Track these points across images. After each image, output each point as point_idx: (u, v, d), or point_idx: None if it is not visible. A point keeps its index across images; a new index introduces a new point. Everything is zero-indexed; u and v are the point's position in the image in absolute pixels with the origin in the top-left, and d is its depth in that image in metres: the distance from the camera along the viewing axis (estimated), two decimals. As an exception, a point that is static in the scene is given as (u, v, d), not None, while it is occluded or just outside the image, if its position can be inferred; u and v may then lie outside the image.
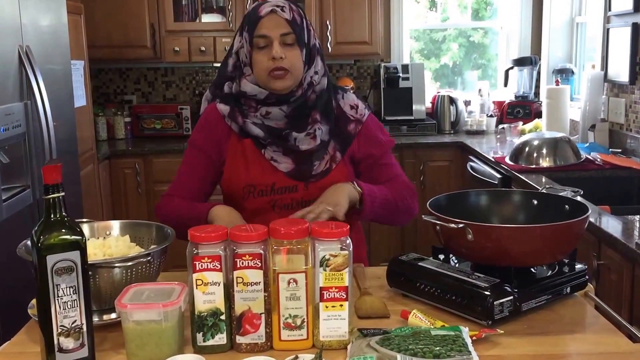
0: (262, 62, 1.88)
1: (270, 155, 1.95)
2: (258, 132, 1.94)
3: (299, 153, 1.94)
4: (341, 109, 2.02)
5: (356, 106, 2.04)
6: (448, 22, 5.77)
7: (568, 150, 3.68)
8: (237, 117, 1.95)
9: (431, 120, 5.22)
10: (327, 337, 1.44)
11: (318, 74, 1.96)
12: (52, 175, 1.32)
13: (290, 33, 1.88)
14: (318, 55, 1.97)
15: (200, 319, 1.42)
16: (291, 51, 1.88)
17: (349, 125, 2.01)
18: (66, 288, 1.33)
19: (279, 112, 1.92)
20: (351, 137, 2.01)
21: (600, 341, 1.47)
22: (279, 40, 1.87)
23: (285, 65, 1.87)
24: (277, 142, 1.94)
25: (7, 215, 2.72)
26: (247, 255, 1.40)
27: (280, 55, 1.86)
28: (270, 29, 1.87)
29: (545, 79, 5.26)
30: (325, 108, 1.98)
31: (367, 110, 2.06)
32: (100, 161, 4.49)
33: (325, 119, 1.97)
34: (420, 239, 4.76)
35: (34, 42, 3.06)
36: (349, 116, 2.02)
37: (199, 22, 5.00)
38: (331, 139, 1.98)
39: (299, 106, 1.93)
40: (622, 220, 2.53)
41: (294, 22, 1.89)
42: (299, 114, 1.94)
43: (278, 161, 1.94)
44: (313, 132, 1.94)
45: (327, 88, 2.00)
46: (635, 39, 3.81)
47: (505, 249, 1.58)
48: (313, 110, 1.96)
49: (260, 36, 1.88)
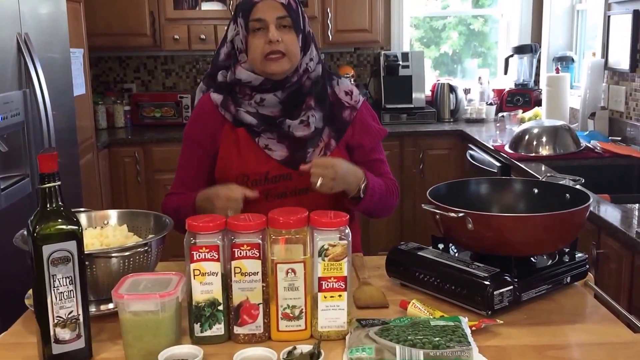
0: (259, 45, 1.87)
1: (264, 143, 1.93)
2: (251, 120, 1.92)
3: (293, 140, 1.92)
4: (336, 96, 2.00)
5: (351, 92, 2.02)
6: (448, 9, 5.75)
7: (568, 138, 3.67)
8: (230, 106, 1.94)
9: (431, 108, 5.21)
10: (326, 327, 1.44)
11: (313, 61, 1.95)
12: (48, 163, 1.31)
13: (286, 16, 1.87)
14: (312, 43, 1.96)
15: (198, 309, 1.41)
16: (287, 35, 1.87)
17: (343, 112, 1.99)
18: (62, 278, 1.33)
19: (273, 98, 1.91)
20: (346, 124, 1.99)
21: (601, 331, 1.46)
22: (275, 24, 1.86)
23: (281, 49, 1.86)
24: (270, 130, 1.92)
25: (6, 204, 2.71)
26: (245, 245, 1.39)
27: (277, 38, 1.85)
28: (266, 12, 1.86)
29: (545, 67, 5.24)
30: (319, 95, 1.97)
31: (361, 96, 2.05)
32: (100, 150, 4.47)
33: (320, 105, 1.96)
34: (419, 228, 4.76)
35: (33, 30, 3.04)
36: (344, 102, 2.00)
37: (198, 10, 4.98)
38: (325, 125, 1.96)
39: (293, 92, 1.92)
40: (622, 209, 2.52)
41: (290, 6, 1.88)
42: (294, 99, 1.92)
43: (272, 149, 1.92)
44: (307, 119, 1.92)
45: (321, 75, 1.99)
46: (636, 27, 3.79)
47: (505, 238, 1.58)
48: (308, 96, 1.94)
49: (256, 19, 1.87)
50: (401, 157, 4.79)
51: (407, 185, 4.76)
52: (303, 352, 1.32)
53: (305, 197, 1.91)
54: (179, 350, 1.34)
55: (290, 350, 1.33)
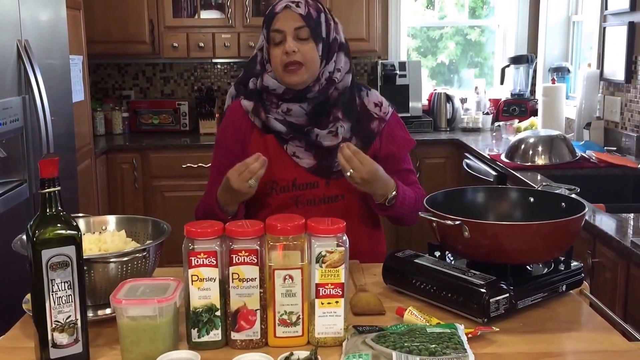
0: (277, 56, 1.91)
1: (292, 150, 1.95)
2: (280, 128, 1.94)
3: (320, 149, 1.94)
4: (365, 107, 2.02)
5: (380, 104, 2.04)
6: (445, 20, 5.77)
7: (563, 148, 3.68)
8: (261, 112, 1.96)
9: (427, 117, 5.23)
10: (323, 333, 1.44)
11: (341, 71, 1.96)
12: (49, 169, 1.32)
13: (303, 27, 1.89)
14: (342, 52, 1.98)
15: (196, 314, 1.42)
16: (305, 45, 1.90)
17: (372, 123, 2.01)
18: (61, 283, 1.33)
19: (300, 110, 1.93)
20: (374, 135, 2.01)
21: (596, 339, 1.47)
22: (292, 35, 1.89)
23: (298, 59, 1.88)
24: (299, 138, 1.95)
25: (3, 209, 2.71)
26: (243, 251, 1.40)
27: (292, 49, 1.87)
28: (284, 24, 1.89)
29: (541, 77, 5.27)
30: (347, 106, 1.98)
31: (391, 108, 2.06)
32: (98, 156, 4.48)
33: (347, 116, 1.97)
34: (415, 236, 4.76)
35: (32, 37, 3.05)
36: (372, 114, 2.02)
37: (197, 18, 4.99)
38: (353, 136, 1.98)
39: (319, 103, 1.94)
40: (617, 219, 2.53)
41: (309, 16, 1.90)
42: (320, 110, 1.94)
43: (300, 157, 1.95)
44: (335, 129, 1.94)
45: (350, 85, 2.00)
46: (631, 38, 3.82)
47: (501, 246, 1.59)
48: (334, 107, 1.96)
49: (275, 30, 1.91)
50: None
51: (403, 193, 4.76)
52: (300, 358, 1.33)
53: (335, 205, 1.95)
54: (176, 355, 1.34)
55: (288, 356, 1.33)
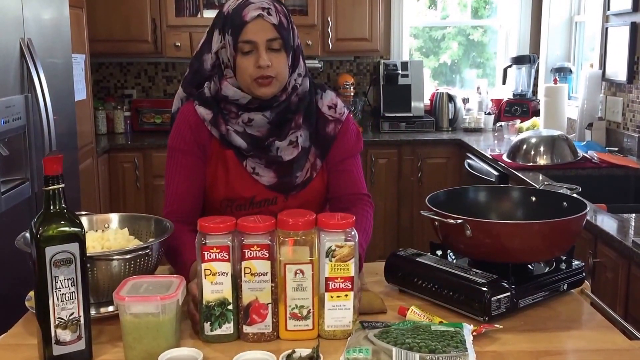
0: (247, 68, 1.77)
1: (252, 166, 1.86)
2: (241, 143, 1.83)
3: (281, 165, 1.86)
4: (319, 110, 1.92)
5: (334, 105, 1.93)
6: (448, 20, 5.77)
7: (565, 148, 3.68)
8: (220, 124, 1.84)
9: (429, 117, 5.23)
10: (332, 326, 1.46)
11: (301, 76, 1.87)
12: (53, 166, 1.32)
13: (277, 38, 1.77)
14: (301, 56, 1.88)
15: (208, 308, 1.43)
16: (277, 57, 1.78)
17: (327, 127, 1.91)
18: (64, 280, 1.34)
19: (262, 119, 1.83)
20: (331, 140, 1.91)
21: (597, 338, 1.48)
22: (265, 46, 1.76)
23: (271, 73, 1.77)
24: (259, 155, 1.85)
25: (6, 207, 2.72)
26: (255, 246, 1.42)
27: (267, 63, 1.75)
28: (257, 34, 1.76)
29: (543, 78, 5.27)
30: (308, 111, 1.89)
31: (346, 109, 1.96)
32: (100, 155, 4.49)
33: (307, 122, 1.88)
34: (416, 236, 4.78)
35: (35, 36, 3.06)
36: (327, 116, 1.92)
37: (200, 17, 4.99)
38: (312, 144, 1.90)
39: (282, 111, 1.84)
40: (618, 219, 2.54)
41: (281, 26, 1.78)
42: (282, 118, 1.85)
43: (260, 174, 1.86)
44: (295, 139, 1.85)
45: (309, 90, 1.91)
46: (633, 38, 3.82)
47: (503, 245, 1.59)
48: (296, 114, 1.86)
49: (245, 41, 1.76)
50: (399, 165, 4.81)
51: (405, 193, 4.77)
52: (302, 355, 1.33)
53: None
54: (179, 352, 1.35)
55: (290, 354, 1.34)
